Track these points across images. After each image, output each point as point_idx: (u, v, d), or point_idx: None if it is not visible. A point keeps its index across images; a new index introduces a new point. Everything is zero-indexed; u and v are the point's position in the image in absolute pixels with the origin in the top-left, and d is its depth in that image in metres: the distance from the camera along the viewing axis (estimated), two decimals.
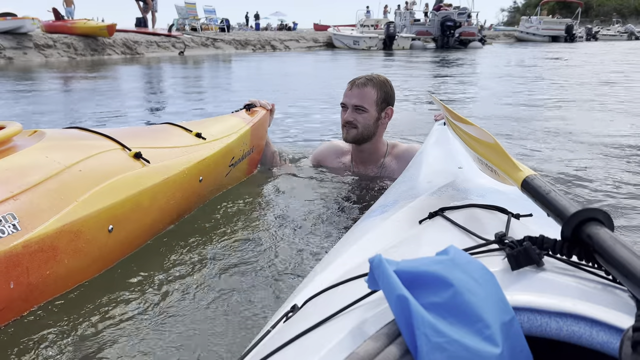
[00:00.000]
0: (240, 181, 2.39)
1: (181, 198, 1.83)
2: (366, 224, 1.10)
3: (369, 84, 2.24)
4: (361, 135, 2.29)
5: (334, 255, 0.93)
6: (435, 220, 0.89)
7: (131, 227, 1.58)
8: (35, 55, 15.23)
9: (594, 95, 6.65)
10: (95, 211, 1.43)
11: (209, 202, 2.10)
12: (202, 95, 7.42)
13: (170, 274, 1.52)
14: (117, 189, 1.54)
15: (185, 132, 2.08)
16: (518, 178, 0.73)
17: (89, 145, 1.65)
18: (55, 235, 1.30)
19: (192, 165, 1.90)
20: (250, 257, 1.65)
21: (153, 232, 1.70)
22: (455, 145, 1.49)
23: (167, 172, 1.76)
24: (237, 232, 1.85)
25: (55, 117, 5.17)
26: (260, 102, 2.62)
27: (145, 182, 1.65)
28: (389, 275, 0.45)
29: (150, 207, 1.66)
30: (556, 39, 34.79)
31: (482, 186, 1.09)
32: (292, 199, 2.20)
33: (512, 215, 0.81)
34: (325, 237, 1.81)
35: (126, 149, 1.70)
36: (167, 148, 1.87)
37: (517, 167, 0.76)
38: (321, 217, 1.99)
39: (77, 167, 1.48)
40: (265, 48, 23.50)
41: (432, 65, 14.07)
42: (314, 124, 4.65)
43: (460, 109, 5.66)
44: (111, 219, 1.48)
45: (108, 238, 1.48)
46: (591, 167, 2.88)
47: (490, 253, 0.63)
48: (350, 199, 2.22)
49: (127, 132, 1.94)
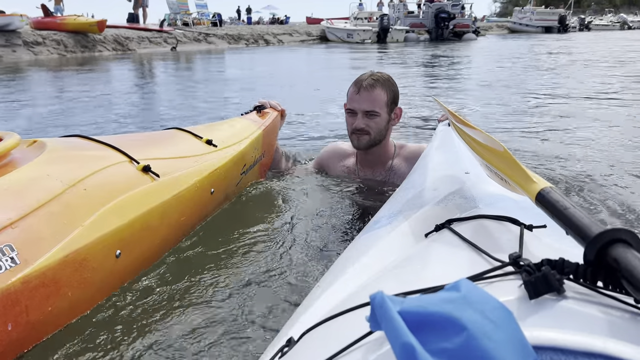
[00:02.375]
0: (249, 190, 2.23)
1: (191, 213, 1.68)
2: (369, 237, 1.04)
3: (377, 85, 2.07)
4: (374, 141, 2.14)
5: (334, 275, 0.87)
6: (442, 233, 0.84)
7: (140, 250, 1.42)
8: (25, 53, 14.92)
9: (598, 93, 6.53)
10: (102, 235, 1.27)
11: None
12: (200, 94, 7.17)
13: (160, 290, 1.40)
14: (125, 209, 1.38)
15: (194, 138, 1.92)
16: (532, 190, 0.67)
17: (94, 158, 1.48)
18: (58, 267, 1.14)
19: (204, 177, 1.74)
20: (246, 273, 1.52)
21: (161, 252, 1.54)
22: (461, 148, 1.38)
23: (177, 186, 1.60)
24: (235, 246, 1.70)
25: (48, 120, 4.91)
26: (270, 103, 2.46)
27: (154, 199, 1.49)
28: (393, 318, 0.39)
29: (160, 226, 1.51)
30: (549, 30, 34.74)
31: (491, 193, 1.03)
32: (296, 209, 2.06)
33: (525, 226, 0.77)
34: (331, 250, 1.68)
35: (134, 162, 1.53)
36: (177, 158, 1.71)
37: (530, 178, 0.70)
38: (327, 229, 1.85)
39: (82, 185, 1.32)
40: (259, 42, 23.24)
41: (428, 59, 13.93)
42: (317, 121, 4.49)
43: (460, 102, 5.53)
44: (119, 242, 1.33)
45: (115, 264, 1.32)
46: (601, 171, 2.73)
47: (504, 277, 0.58)
48: (358, 206, 2.08)
49: (133, 140, 1.77)
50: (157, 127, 4.04)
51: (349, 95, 2.14)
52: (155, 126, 4.27)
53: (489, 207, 0.96)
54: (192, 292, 1.41)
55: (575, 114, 4.60)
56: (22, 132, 2.06)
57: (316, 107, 5.29)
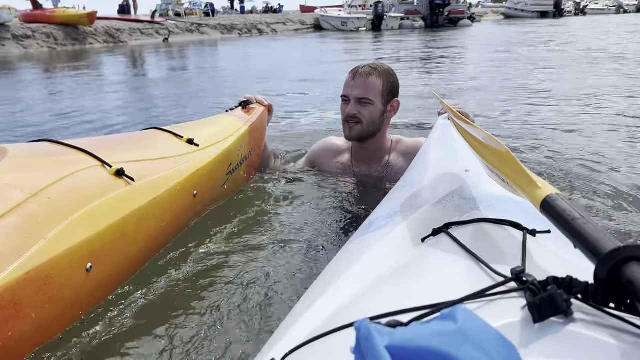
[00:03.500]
0: (238, 189, 2.12)
1: (173, 219, 1.57)
2: (362, 241, 0.97)
3: (374, 74, 2.00)
4: (366, 131, 2.05)
5: (322, 286, 0.81)
6: (439, 238, 0.80)
7: (114, 261, 1.32)
8: (14, 47, 14.70)
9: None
10: (70, 248, 1.17)
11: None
12: (192, 89, 7.02)
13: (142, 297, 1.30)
14: (96, 218, 1.27)
15: (174, 138, 1.81)
16: (536, 196, 0.63)
17: (61, 163, 1.37)
18: (18, 286, 1.04)
19: (185, 178, 1.63)
20: (229, 284, 1.42)
21: (140, 263, 1.44)
22: (461, 144, 1.30)
23: (155, 190, 1.49)
24: (217, 254, 1.60)
25: (26, 121, 4.64)
26: (256, 98, 2.35)
27: (130, 205, 1.38)
28: (380, 355, 0.35)
29: (137, 234, 1.40)
30: (545, 15, 34.53)
31: (492, 194, 0.98)
32: (286, 210, 1.97)
33: (528, 231, 0.73)
34: (324, 255, 1.59)
35: (106, 166, 1.42)
36: (154, 160, 1.60)
37: (534, 183, 0.65)
38: (320, 231, 1.75)
39: (46, 193, 1.21)
40: (252, 32, 23.00)
41: (425, 48, 13.77)
42: (308, 114, 4.37)
43: (462, 95, 5.42)
44: (89, 255, 1.22)
45: (86, 278, 1.21)
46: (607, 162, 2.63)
47: (506, 295, 0.54)
48: (354, 205, 1.99)
49: (106, 142, 1.66)
50: (145, 125, 3.88)
51: (344, 83, 2.06)
52: (144, 124, 4.11)
53: (489, 209, 0.91)
54: (170, 306, 1.31)
55: (573, 110, 4.50)
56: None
57: (306, 100, 5.16)
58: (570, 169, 2.43)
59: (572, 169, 2.43)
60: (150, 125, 2.02)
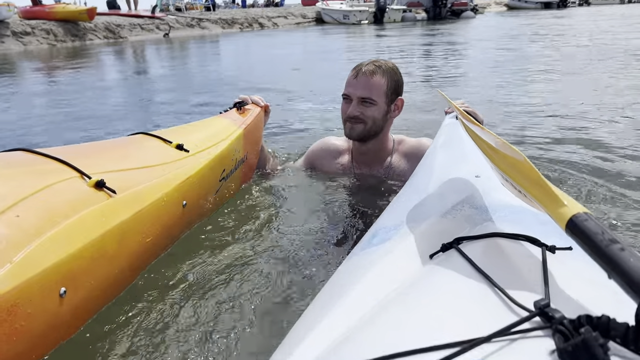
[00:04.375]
0: (233, 195, 2.01)
1: (160, 233, 1.46)
2: (364, 256, 0.89)
3: (378, 72, 1.89)
4: (368, 131, 1.95)
5: (316, 314, 0.73)
6: (449, 255, 0.73)
7: (92, 284, 1.20)
8: (14, 44, 14.59)
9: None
10: (40, 272, 1.05)
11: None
12: (188, 86, 6.83)
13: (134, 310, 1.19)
14: (72, 236, 1.16)
15: (162, 143, 1.69)
16: (560, 215, 0.56)
17: (34, 175, 1.26)
18: None
19: (173, 188, 1.52)
20: (224, 295, 1.33)
21: (121, 284, 1.33)
22: (471, 146, 1.20)
23: (139, 202, 1.38)
24: (216, 262, 1.51)
25: (7, 126, 4.27)
26: (252, 99, 2.23)
27: (110, 220, 1.27)
28: None
29: (119, 253, 1.28)
30: (549, 6, 34.14)
31: (506, 203, 0.90)
32: (282, 217, 1.86)
33: (547, 248, 0.67)
34: (325, 265, 1.48)
35: (85, 177, 1.31)
36: (139, 169, 1.49)
37: (558, 199, 0.57)
38: (319, 242, 1.64)
39: (13, 211, 1.10)
40: (253, 26, 22.83)
41: (428, 41, 13.61)
42: (307, 112, 4.25)
43: (467, 90, 5.29)
44: (63, 278, 1.11)
45: (60, 305, 1.10)
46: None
47: (529, 334, 0.48)
48: (355, 211, 1.88)
49: (87, 150, 1.54)
50: (137, 126, 3.72)
51: (346, 81, 1.95)
52: (138, 124, 3.96)
53: (503, 220, 0.84)
54: (157, 322, 1.22)
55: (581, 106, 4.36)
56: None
57: (304, 97, 5.02)
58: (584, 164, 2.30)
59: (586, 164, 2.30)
60: (141, 128, 1.91)
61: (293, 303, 1.31)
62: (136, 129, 3.71)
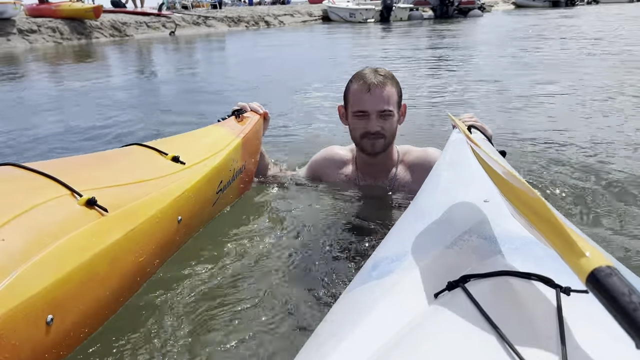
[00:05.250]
0: (230, 204, 1.96)
1: (154, 251, 1.41)
2: (364, 291, 0.84)
3: (387, 82, 1.85)
4: (387, 144, 1.92)
5: (316, 349, 0.71)
6: (455, 295, 0.70)
7: (81, 309, 1.16)
8: (20, 42, 14.62)
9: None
10: (26, 300, 1.01)
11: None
12: (190, 90, 6.65)
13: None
14: (60, 260, 1.11)
15: (157, 155, 1.65)
16: (580, 266, 0.48)
17: (22, 193, 1.22)
18: None
19: (168, 204, 1.48)
20: (218, 321, 1.28)
21: (115, 306, 1.29)
22: (479, 167, 1.14)
23: (132, 220, 1.33)
24: (207, 279, 1.47)
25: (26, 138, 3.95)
26: (250, 106, 2.18)
27: (101, 240, 1.22)
28: None
29: (110, 274, 1.24)
30: (557, 4, 33.80)
31: (516, 234, 0.85)
32: (284, 228, 1.81)
33: (561, 289, 0.64)
34: (324, 287, 1.43)
35: (75, 195, 1.27)
36: (133, 184, 1.44)
37: (577, 248, 0.50)
38: (318, 266, 1.56)
39: (0, 234, 1.06)
40: (259, 24, 22.77)
41: (435, 41, 13.50)
42: (312, 118, 4.20)
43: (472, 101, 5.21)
44: (50, 305, 1.06)
45: (46, 334, 1.06)
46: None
47: None
48: (359, 223, 1.83)
49: (78, 164, 1.50)
50: (135, 134, 3.65)
51: (354, 96, 1.87)
52: (139, 129, 3.90)
53: (513, 254, 0.80)
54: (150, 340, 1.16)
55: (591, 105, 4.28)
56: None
57: (308, 103, 4.96)
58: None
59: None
60: (140, 133, 1.86)
61: (287, 327, 1.26)
62: (136, 133, 3.70)
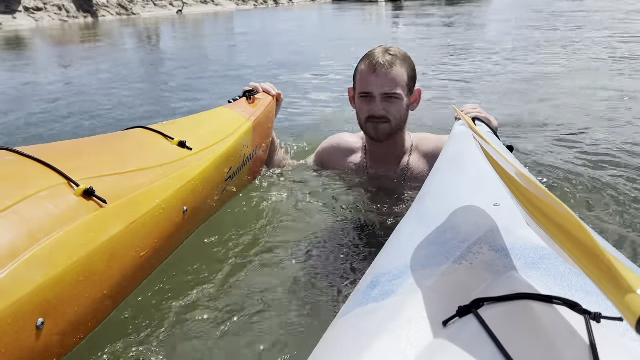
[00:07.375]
0: (239, 192, 1.84)
1: (156, 245, 1.30)
2: (362, 316, 0.71)
3: (396, 62, 1.70)
4: (394, 129, 1.77)
5: None
6: (467, 322, 0.59)
7: (75, 311, 1.05)
8: (25, 19, 14.46)
9: None
10: (14, 303, 0.91)
11: None
12: (199, 70, 6.45)
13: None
14: (53, 257, 1.01)
15: (163, 140, 1.53)
16: (629, 305, 0.35)
17: (14, 182, 1.10)
18: None
19: (172, 193, 1.36)
20: (221, 316, 1.22)
21: (111, 307, 1.18)
22: (487, 165, 1.00)
23: (133, 212, 1.22)
24: (214, 273, 1.39)
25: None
26: (263, 87, 2.04)
27: (99, 235, 1.11)
28: None
29: (108, 272, 1.13)
30: None
31: (532, 245, 0.74)
32: (289, 220, 1.71)
33: (591, 316, 0.54)
34: (330, 286, 1.34)
35: (71, 184, 1.15)
36: (135, 172, 1.32)
37: (623, 281, 0.37)
38: (329, 251, 1.49)
39: None
40: (268, 3, 22.44)
41: (447, 24, 13.19)
42: (321, 103, 4.05)
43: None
44: (41, 307, 0.96)
45: (36, 339, 0.96)
46: None
47: None
48: (367, 216, 1.71)
49: (77, 149, 1.38)
50: (141, 115, 3.50)
51: (361, 76, 1.74)
52: (144, 110, 3.73)
53: (530, 269, 0.69)
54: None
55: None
56: None
57: (322, 86, 4.79)
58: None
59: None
60: (145, 115, 1.74)
61: (291, 326, 1.18)
62: (140, 114, 3.58)
